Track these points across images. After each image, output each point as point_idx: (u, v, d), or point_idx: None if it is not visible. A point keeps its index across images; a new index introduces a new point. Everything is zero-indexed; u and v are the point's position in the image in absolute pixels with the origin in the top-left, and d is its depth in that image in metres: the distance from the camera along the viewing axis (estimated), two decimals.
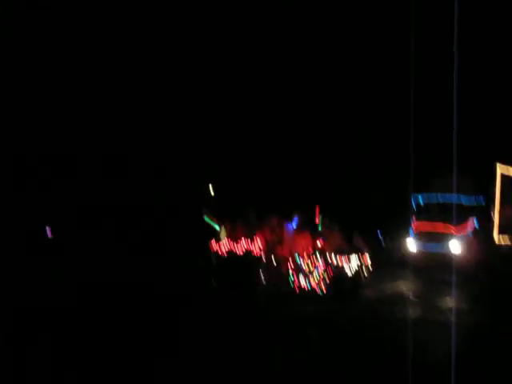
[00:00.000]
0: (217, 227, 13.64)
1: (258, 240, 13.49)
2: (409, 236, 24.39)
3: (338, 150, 31.63)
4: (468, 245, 23.20)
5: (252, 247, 13.19)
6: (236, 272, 12.54)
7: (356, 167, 31.90)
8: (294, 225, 14.72)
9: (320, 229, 15.62)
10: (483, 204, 24.79)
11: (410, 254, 23.64)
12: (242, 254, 13.01)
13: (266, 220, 14.80)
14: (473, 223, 23.93)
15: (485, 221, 24.66)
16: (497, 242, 25.20)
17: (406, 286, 19.12)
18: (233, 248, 12.98)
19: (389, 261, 23.44)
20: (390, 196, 30.07)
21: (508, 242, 26.26)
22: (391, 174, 30.75)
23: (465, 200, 24.09)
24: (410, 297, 16.86)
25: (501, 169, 25.62)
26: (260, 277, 12.98)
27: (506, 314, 14.09)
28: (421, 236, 23.92)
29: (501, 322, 12.99)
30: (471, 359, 8.29)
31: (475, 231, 23.90)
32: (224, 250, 12.92)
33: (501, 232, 25.48)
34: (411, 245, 24.04)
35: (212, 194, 31.03)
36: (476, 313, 14.59)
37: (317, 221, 16.27)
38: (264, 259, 13.25)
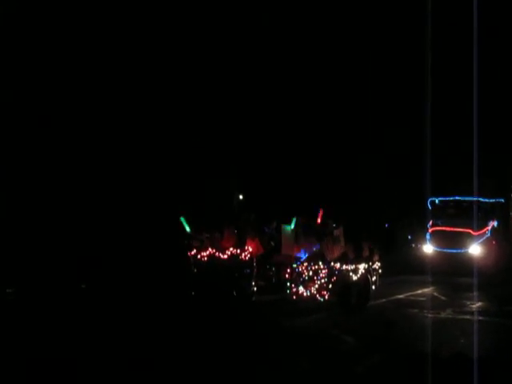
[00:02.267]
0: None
1: (249, 248, 11.92)
2: (426, 240, 23.17)
3: (353, 150, 30.42)
4: (487, 246, 21.89)
5: (241, 253, 11.64)
6: (219, 279, 11.03)
7: (370, 170, 30.66)
8: (292, 228, 13.16)
9: (323, 233, 14.06)
10: (503, 205, 23.62)
11: (427, 258, 22.32)
12: (226, 258, 11.45)
13: (262, 225, 13.30)
14: (492, 225, 22.62)
15: (505, 221, 23.44)
16: None
17: (423, 291, 17.55)
18: (216, 253, 11.45)
19: (405, 266, 22.05)
20: (406, 199, 28.85)
21: None
22: (408, 178, 29.54)
23: (484, 203, 22.87)
24: (429, 305, 15.13)
25: None
26: (250, 284, 11.48)
27: None
28: (439, 239, 22.67)
29: None
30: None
31: (495, 232, 22.56)
32: (205, 254, 11.39)
33: None
34: (428, 248, 22.75)
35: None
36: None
37: (320, 224, 14.73)
38: (255, 265, 11.72)
